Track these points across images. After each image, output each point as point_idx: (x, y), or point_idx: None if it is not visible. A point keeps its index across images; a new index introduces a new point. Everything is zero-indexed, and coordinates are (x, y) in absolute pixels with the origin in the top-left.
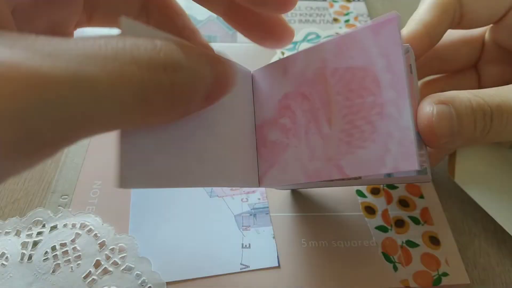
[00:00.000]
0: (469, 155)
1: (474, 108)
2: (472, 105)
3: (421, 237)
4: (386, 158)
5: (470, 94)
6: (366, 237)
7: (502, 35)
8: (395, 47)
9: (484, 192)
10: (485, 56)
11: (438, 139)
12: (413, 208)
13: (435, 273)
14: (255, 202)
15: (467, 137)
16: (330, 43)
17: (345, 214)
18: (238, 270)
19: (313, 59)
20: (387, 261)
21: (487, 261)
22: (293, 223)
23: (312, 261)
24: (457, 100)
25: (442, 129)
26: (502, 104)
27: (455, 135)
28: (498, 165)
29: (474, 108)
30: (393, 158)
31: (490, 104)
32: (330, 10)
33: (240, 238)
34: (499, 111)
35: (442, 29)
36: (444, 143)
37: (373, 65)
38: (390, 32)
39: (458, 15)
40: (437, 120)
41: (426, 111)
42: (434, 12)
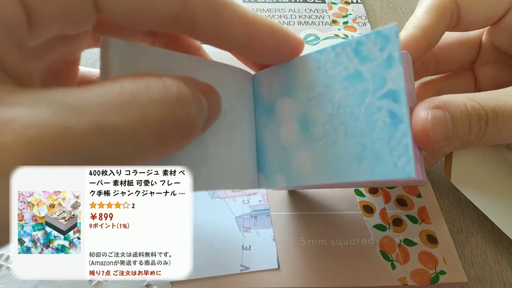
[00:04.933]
0: (466, 155)
1: (469, 112)
2: (467, 109)
3: (419, 235)
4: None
5: (466, 98)
6: (365, 235)
7: (499, 37)
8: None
9: (480, 192)
10: (482, 57)
11: (432, 143)
12: (410, 207)
13: (433, 271)
14: (256, 204)
15: (462, 141)
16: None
17: (343, 213)
18: (238, 272)
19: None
20: (385, 259)
21: (484, 259)
22: (293, 222)
23: (311, 260)
24: (452, 105)
25: (437, 134)
26: (497, 107)
27: (450, 139)
28: (495, 165)
29: (469, 112)
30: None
31: (485, 108)
32: (329, 12)
33: (240, 240)
34: (494, 115)
35: (439, 32)
36: (439, 147)
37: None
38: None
39: (455, 18)
40: (432, 125)
41: (421, 117)
42: (431, 15)
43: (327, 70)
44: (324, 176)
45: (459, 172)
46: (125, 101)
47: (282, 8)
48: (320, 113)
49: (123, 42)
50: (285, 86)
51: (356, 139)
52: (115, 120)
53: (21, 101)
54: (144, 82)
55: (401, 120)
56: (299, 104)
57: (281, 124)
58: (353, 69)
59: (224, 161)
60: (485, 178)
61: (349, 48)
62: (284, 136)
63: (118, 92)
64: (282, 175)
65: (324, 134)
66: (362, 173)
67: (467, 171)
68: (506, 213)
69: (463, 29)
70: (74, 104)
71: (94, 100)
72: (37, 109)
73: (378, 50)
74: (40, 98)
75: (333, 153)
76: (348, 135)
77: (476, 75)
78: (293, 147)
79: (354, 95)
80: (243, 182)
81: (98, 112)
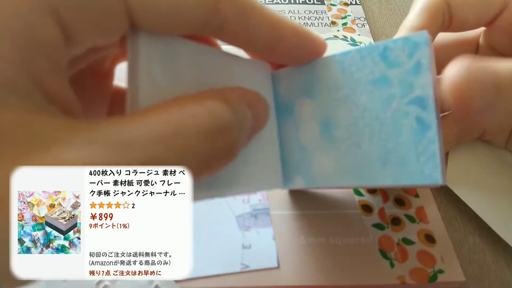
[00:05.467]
0: (462, 156)
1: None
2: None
3: (417, 235)
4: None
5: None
6: (363, 234)
7: (494, 37)
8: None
9: (475, 194)
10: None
11: (468, 101)
12: (408, 206)
13: (431, 270)
14: (256, 203)
15: (507, 106)
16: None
17: (343, 212)
18: (238, 270)
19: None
20: (384, 258)
21: (482, 258)
22: (293, 221)
23: (310, 259)
24: (493, 64)
25: (475, 87)
26: None
27: (491, 102)
28: (491, 166)
29: None
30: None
31: None
32: (328, 13)
33: (241, 239)
34: None
35: (433, 32)
36: (476, 111)
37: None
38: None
39: (447, 18)
40: (468, 76)
41: (456, 67)
42: (424, 16)
43: (352, 73)
44: (346, 179)
45: (454, 174)
46: (169, 134)
47: (282, 10)
48: (344, 116)
49: (153, 34)
50: (305, 87)
51: (382, 142)
52: (162, 153)
53: (74, 139)
54: (190, 112)
55: (429, 126)
56: (320, 106)
57: (300, 124)
58: (379, 74)
59: (251, 165)
60: (481, 180)
61: (376, 52)
62: (303, 137)
63: (165, 124)
64: (301, 176)
65: (347, 136)
66: (386, 176)
67: (463, 173)
68: (501, 215)
69: (457, 29)
70: (122, 141)
71: (141, 135)
72: (88, 150)
73: (406, 56)
74: (89, 136)
75: (357, 156)
76: (373, 139)
77: None
78: (313, 148)
79: (379, 99)
80: (269, 183)
81: (146, 147)
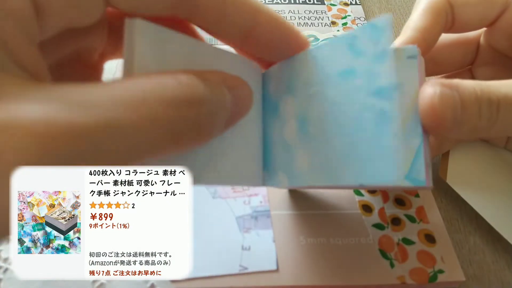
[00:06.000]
0: (462, 156)
1: (479, 96)
2: (476, 92)
3: (417, 235)
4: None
5: (475, 83)
6: (364, 234)
7: (495, 37)
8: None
9: (476, 193)
10: (480, 58)
11: (441, 122)
12: (409, 206)
13: (431, 270)
14: (256, 205)
15: (471, 125)
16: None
17: (343, 212)
18: (237, 272)
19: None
20: (384, 257)
21: (482, 258)
22: (293, 221)
23: (310, 259)
24: (461, 86)
25: (445, 112)
26: (510, 95)
27: (458, 122)
28: (491, 165)
29: (478, 95)
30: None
31: (497, 94)
32: (328, 13)
33: (240, 240)
34: (507, 101)
35: (436, 33)
36: (447, 130)
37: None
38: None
39: (450, 18)
40: (440, 101)
41: (428, 92)
42: (428, 17)
43: (323, 66)
44: (318, 177)
45: (455, 173)
46: (134, 99)
47: (281, 10)
48: (316, 111)
49: (149, 23)
50: (288, 83)
51: (348, 139)
52: (124, 117)
53: (30, 95)
54: (157, 80)
55: (391, 119)
56: (299, 102)
57: (284, 122)
58: (346, 65)
59: (230, 157)
60: (481, 179)
61: (344, 42)
62: (287, 135)
63: (130, 89)
64: (286, 175)
65: (319, 133)
66: (350, 175)
67: (464, 172)
68: (502, 214)
69: (459, 30)
70: (84, 101)
71: (105, 97)
72: (46, 105)
73: (372, 44)
74: (50, 93)
75: (327, 153)
76: (340, 135)
77: (474, 77)
78: (294, 146)
79: (347, 92)
80: (247, 179)
81: (108, 108)
